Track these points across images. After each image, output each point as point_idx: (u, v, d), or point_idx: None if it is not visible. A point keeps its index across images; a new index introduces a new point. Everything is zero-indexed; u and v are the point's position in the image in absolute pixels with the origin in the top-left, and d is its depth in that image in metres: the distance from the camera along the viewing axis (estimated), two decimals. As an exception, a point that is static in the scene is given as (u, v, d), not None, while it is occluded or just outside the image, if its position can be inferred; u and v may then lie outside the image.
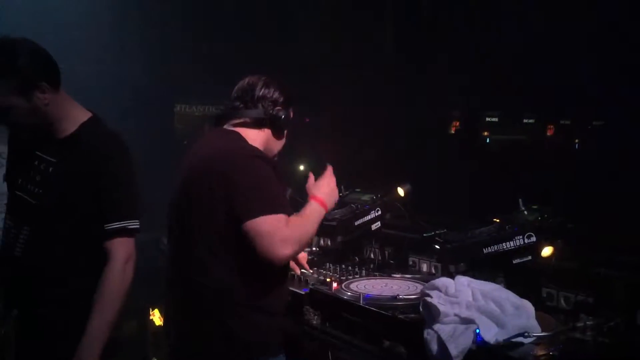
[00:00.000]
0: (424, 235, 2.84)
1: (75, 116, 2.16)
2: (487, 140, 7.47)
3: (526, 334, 1.81)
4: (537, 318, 1.93)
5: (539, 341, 1.82)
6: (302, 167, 6.25)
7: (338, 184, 2.27)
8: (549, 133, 7.31)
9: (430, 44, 6.21)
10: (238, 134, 2.18)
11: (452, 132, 7.31)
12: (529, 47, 5.58)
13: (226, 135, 2.19)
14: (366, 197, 3.07)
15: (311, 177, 2.26)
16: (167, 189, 2.24)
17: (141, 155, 5.21)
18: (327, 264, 2.84)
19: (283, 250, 1.92)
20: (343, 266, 2.80)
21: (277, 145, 2.29)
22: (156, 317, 3.83)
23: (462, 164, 6.03)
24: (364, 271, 2.73)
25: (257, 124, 2.20)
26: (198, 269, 2.04)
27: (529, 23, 5.67)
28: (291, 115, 2.30)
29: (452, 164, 6.03)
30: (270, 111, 2.20)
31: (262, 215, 1.92)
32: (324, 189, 2.19)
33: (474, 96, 6.50)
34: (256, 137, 2.20)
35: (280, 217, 1.95)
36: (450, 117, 7.26)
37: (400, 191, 3.06)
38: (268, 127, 2.22)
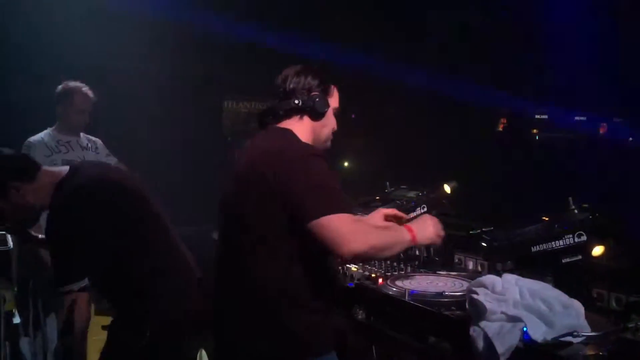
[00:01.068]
0: (470, 232, 2.82)
1: (51, 189, 2.32)
2: (537, 138, 7.33)
3: (575, 333, 1.78)
4: (587, 318, 1.89)
5: (588, 341, 1.79)
6: (346, 164, 6.27)
7: (384, 180, 2.27)
8: (600, 131, 7.13)
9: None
10: (288, 130, 2.16)
11: (500, 129, 7.20)
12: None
13: (276, 133, 2.18)
14: (412, 194, 3.06)
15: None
16: (214, 184, 2.29)
17: (188, 151, 5.31)
18: (373, 260, 2.85)
19: (351, 246, 1.89)
20: (388, 262, 2.81)
21: (324, 131, 2.24)
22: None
23: (510, 161, 5.95)
24: (409, 268, 2.73)
25: (296, 116, 2.19)
26: (249, 267, 2.04)
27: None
28: (333, 98, 2.26)
29: (499, 161, 5.96)
30: (304, 99, 2.17)
31: (327, 214, 1.90)
32: (419, 222, 2.19)
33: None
34: (303, 130, 2.18)
35: (343, 216, 1.93)
36: (498, 114, 7.17)
37: (447, 188, 3.04)
38: (306, 116, 2.20)
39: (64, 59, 4.60)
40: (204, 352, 2.99)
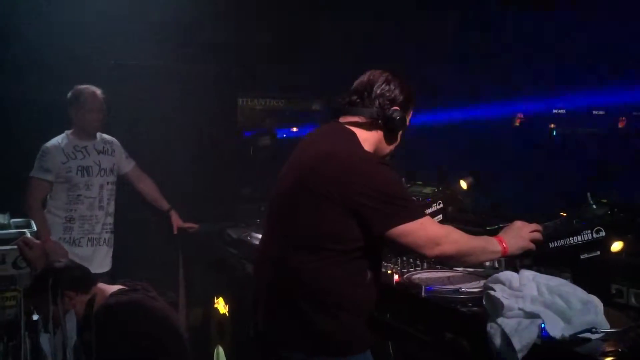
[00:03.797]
0: (487, 228, 2.79)
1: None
2: (554, 133, 7.25)
3: (594, 329, 1.77)
4: (606, 314, 1.87)
5: (607, 337, 1.78)
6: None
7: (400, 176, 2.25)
8: (620, 125, 7.03)
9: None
10: (352, 134, 2.10)
11: (517, 124, 7.14)
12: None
13: (340, 134, 2.11)
14: (428, 190, 3.05)
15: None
16: (229, 181, 2.29)
17: (202, 148, 5.32)
18: (389, 255, 2.84)
19: (433, 250, 2.00)
20: (404, 258, 2.80)
21: (388, 148, 2.19)
22: (220, 306, 3.93)
23: (527, 156, 5.90)
24: (425, 264, 2.72)
25: (371, 124, 2.13)
26: (290, 265, 2.02)
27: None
28: (409, 117, 2.21)
29: (516, 158, 5.92)
30: (386, 111, 2.11)
31: (403, 223, 1.95)
32: (511, 232, 2.17)
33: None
34: (368, 137, 2.13)
35: (417, 223, 1.98)
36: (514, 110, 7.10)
37: (463, 184, 3.03)
38: (381, 128, 2.14)
39: (81, 58, 4.63)
40: (220, 349, 3.01)
